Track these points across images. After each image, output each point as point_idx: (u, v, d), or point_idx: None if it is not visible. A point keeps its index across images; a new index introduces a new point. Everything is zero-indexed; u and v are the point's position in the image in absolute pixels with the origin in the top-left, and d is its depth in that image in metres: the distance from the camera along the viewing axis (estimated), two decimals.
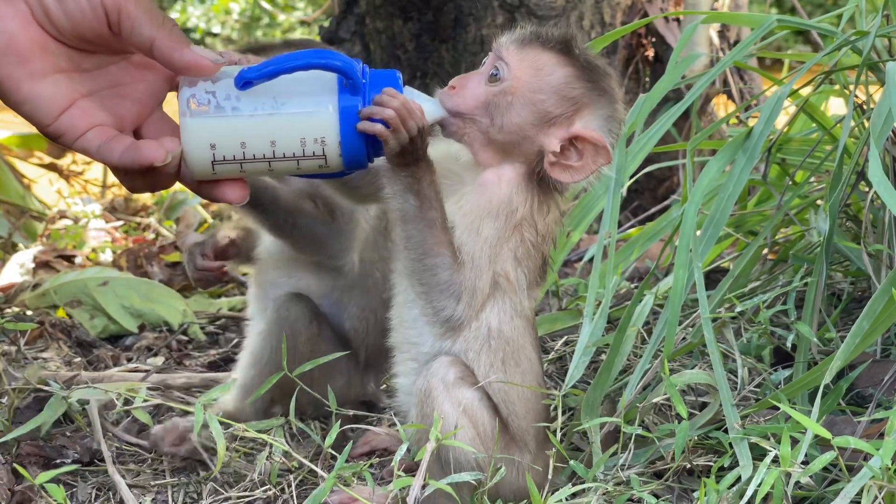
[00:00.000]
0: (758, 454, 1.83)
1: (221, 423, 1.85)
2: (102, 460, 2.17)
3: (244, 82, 1.66)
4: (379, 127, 1.71)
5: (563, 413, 1.97)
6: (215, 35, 16.21)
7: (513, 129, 1.85)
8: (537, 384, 1.94)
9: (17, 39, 1.60)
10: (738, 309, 2.22)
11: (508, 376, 1.89)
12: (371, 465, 1.90)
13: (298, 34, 15.53)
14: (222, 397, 2.44)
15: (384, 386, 2.54)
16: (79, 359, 2.92)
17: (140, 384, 1.99)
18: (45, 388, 2.30)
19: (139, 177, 1.68)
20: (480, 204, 1.87)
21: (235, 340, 3.08)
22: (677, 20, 4.20)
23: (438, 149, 1.88)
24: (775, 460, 1.70)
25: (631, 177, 2.42)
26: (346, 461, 1.83)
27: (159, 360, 2.95)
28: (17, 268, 3.59)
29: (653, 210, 3.88)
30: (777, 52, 3.22)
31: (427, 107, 1.80)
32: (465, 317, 1.86)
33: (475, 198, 1.87)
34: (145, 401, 2.10)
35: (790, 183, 2.60)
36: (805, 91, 2.62)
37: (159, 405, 2.42)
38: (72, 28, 1.63)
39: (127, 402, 1.93)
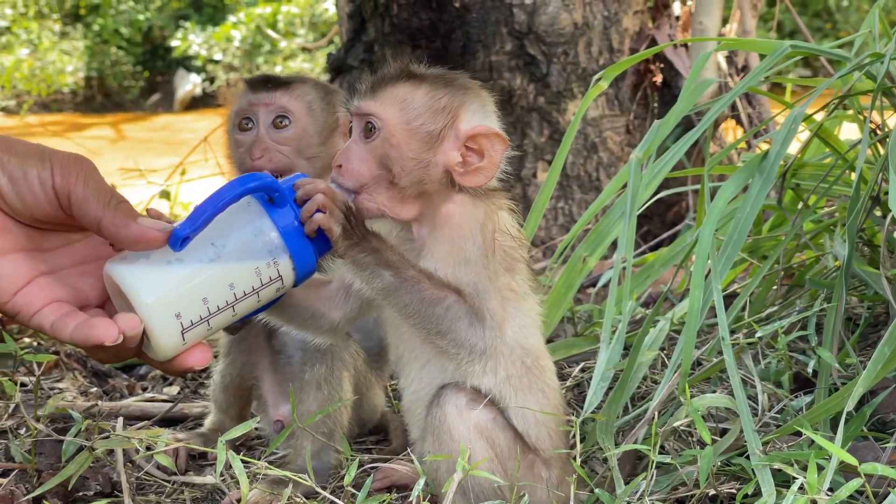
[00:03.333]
0: (780, 481, 1.82)
1: (244, 461, 1.84)
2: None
3: (182, 240, 1.64)
4: (319, 216, 1.75)
5: (581, 439, 1.96)
6: (217, 62, 16.26)
7: (413, 164, 1.87)
8: (557, 397, 1.97)
9: None
10: (759, 334, 2.22)
11: (534, 389, 1.92)
12: None
13: (300, 61, 15.62)
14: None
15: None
16: (94, 389, 2.92)
17: (161, 430, 1.99)
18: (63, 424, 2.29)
19: (100, 351, 1.64)
20: (453, 235, 1.88)
21: None
22: (685, 45, 4.23)
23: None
24: (801, 488, 1.70)
25: (643, 203, 2.42)
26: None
27: (175, 390, 2.95)
28: None
29: (663, 236, 3.89)
30: (779, 77, 3.23)
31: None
32: (493, 341, 1.87)
33: (445, 234, 1.88)
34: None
35: (802, 207, 2.60)
36: (816, 117, 2.63)
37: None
38: (26, 210, 1.63)
39: (148, 447, 1.94)
